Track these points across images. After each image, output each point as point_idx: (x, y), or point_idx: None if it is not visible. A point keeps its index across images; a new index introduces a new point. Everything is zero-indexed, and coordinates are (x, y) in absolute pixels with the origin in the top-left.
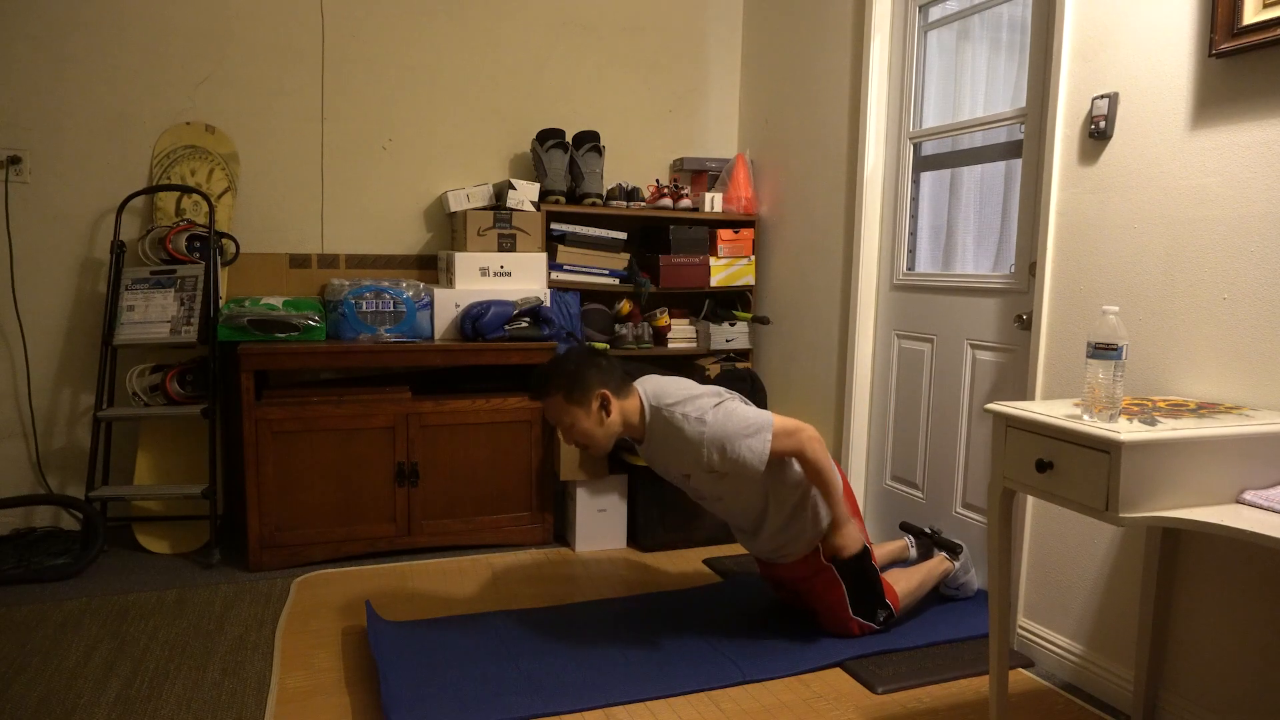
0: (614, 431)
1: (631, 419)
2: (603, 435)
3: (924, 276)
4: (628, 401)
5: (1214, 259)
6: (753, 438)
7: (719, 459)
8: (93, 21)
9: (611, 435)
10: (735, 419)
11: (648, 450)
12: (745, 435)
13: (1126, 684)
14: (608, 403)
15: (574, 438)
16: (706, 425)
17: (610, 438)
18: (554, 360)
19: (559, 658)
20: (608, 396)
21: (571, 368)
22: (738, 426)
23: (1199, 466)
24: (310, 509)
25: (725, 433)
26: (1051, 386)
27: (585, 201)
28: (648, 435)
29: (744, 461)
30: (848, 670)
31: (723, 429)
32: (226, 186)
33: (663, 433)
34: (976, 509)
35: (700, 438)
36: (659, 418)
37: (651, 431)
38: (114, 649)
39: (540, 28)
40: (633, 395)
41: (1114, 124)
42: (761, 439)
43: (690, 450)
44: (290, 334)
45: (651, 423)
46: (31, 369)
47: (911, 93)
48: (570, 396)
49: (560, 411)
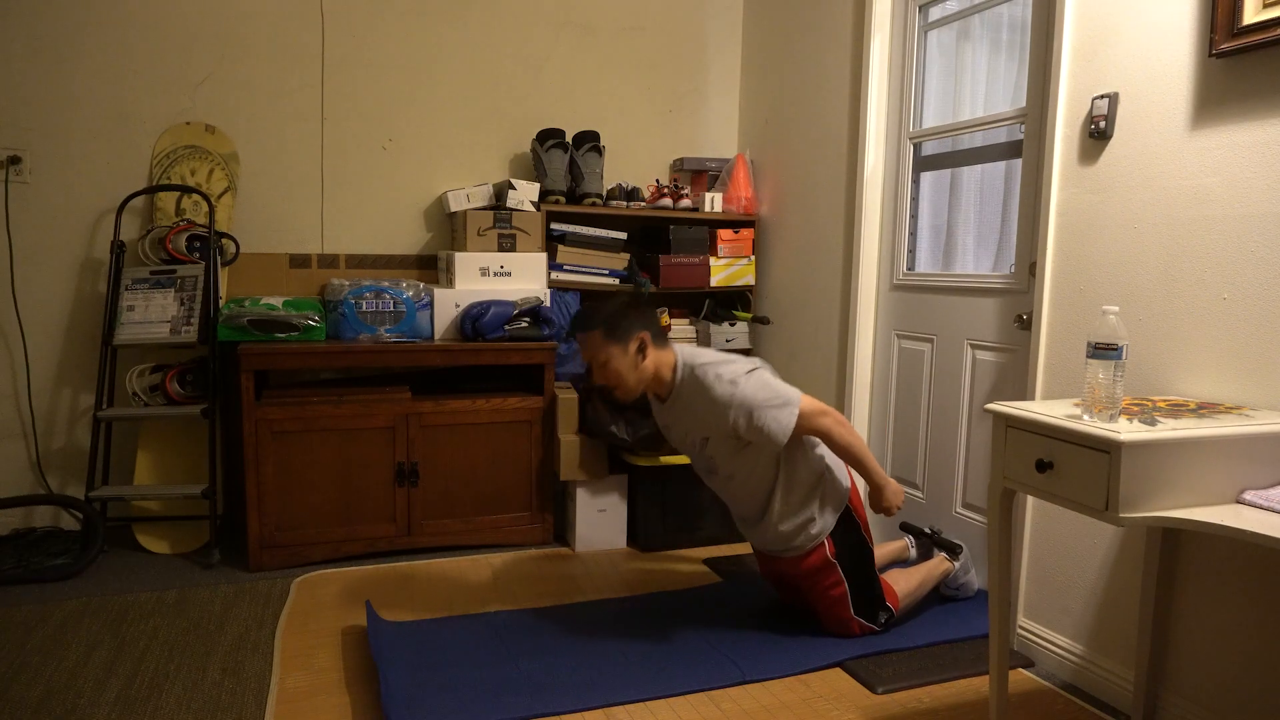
0: (645, 378)
1: (663, 372)
2: (634, 379)
3: (924, 276)
4: (664, 354)
5: (1214, 259)
6: (780, 409)
7: (744, 424)
8: (93, 21)
9: (642, 381)
10: (767, 388)
11: (669, 411)
12: (773, 405)
13: (1126, 684)
14: (645, 347)
15: (605, 376)
16: (738, 388)
17: (640, 384)
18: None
19: (559, 658)
20: (646, 341)
21: (616, 308)
22: (768, 396)
23: (1199, 466)
24: (310, 509)
25: (755, 399)
26: (1051, 386)
27: (585, 201)
28: (674, 394)
29: (768, 431)
30: (848, 670)
31: (753, 395)
32: (226, 186)
33: (691, 392)
34: (976, 509)
35: (729, 399)
36: (691, 376)
37: (679, 391)
38: (114, 649)
39: (540, 28)
40: (669, 350)
41: (1114, 124)
42: (789, 412)
43: (717, 412)
44: (290, 334)
45: (681, 381)
46: (31, 369)
47: (911, 93)
48: (610, 334)
49: (597, 348)
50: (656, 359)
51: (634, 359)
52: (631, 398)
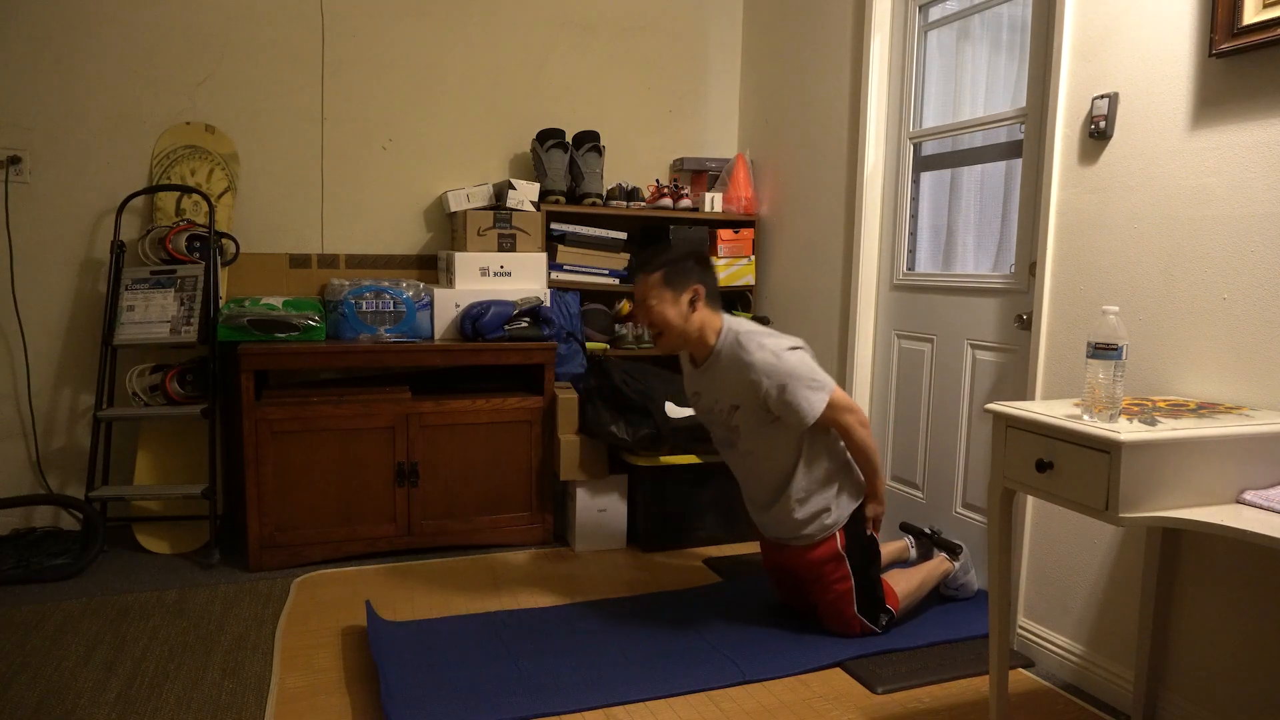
0: (690, 332)
1: (707, 334)
2: (678, 328)
3: (924, 276)
4: (712, 316)
5: (1214, 259)
6: (814, 391)
7: (775, 396)
8: (93, 22)
9: (685, 335)
10: (806, 366)
11: (703, 377)
12: (808, 385)
13: (1126, 684)
14: (697, 300)
15: (652, 319)
16: (780, 360)
17: (683, 336)
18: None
19: (559, 658)
20: (700, 295)
21: (680, 255)
22: (805, 373)
23: (1199, 466)
24: (310, 509)
25: (793, 374)
26: (1051, 386)
27: (585, 201)
28: (711, 358)
29: (796, 407)
30: (848, 670)
31: (792, 370)
32: (226, 186)
33: (729, 358)
34: (976, 509)
35: (767, 368)
36: (733, 342)
37: (717, 355)
38: (114, 649)
39: (540, 28)
40: (718, 314)
41: (1114, 124)
42: (821, 396)
43: (752, 379)
44: (290, 334)
45: (722, 346)
46: (31, 369)
47: (911, 93)
48: (668, 279)
49: (651, 290)
50: (704, 318)
51: (684, 310)
52: (669, 350)
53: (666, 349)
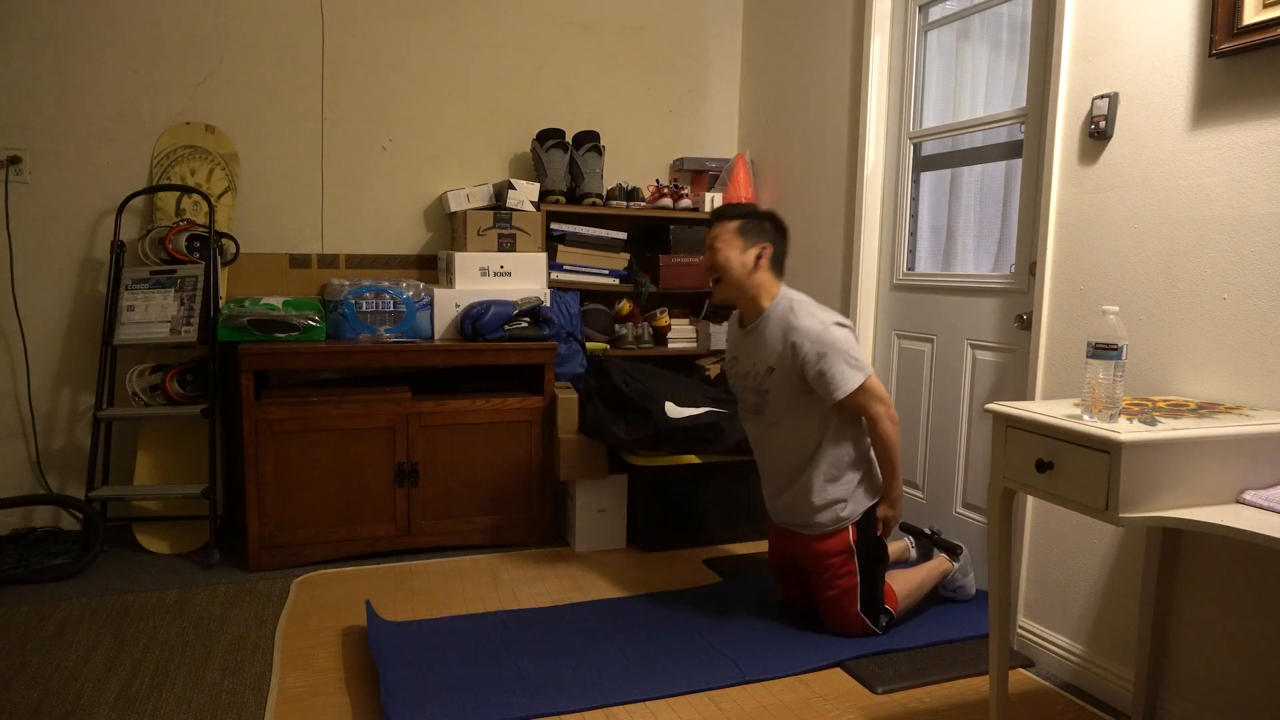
0: (747, 286)
1: (762, 295)
2: (737, 278)
3: (924, 276)
4: (773, 281)
5: (1214, 259)
6: (851, 368)
7: (813, 362)
8: (93, 21)
9: (742, 287)
10: (848, 343)
11: (746, 339)
12: (847, 361)
13: (1126, 684)
14: (763, 258)
15: (715, 261)
16: (825, 329)
17: (739, 288)
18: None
19: (559, 658)
20: (767, 254)
21: (761, 214)
22: (847, 349)
23: (1199, 466)
24: (310, 509)
25: (835, 345)
26: (1051, 386)
27: (585, 201)
28: (760, 321)
29: (831, 377)
30: (848, 670)
31: (835, 341)
32: (226, 186)
33: (777, 321)
34: (976, 509)
35: (812, 334)
36: (785, 308)
37: (766, 318)
38: (114, 649)
39: (540, 28)
40: (779, 282)
41: (1114, 124)
42: (856, 375)
43: (794, 341)
44: (290, 334)
45: (772, 310)
46: (31, 369)
47: (911, 93)
48: (743, 230)
49: (723, 234)
50: (765, 279)
51: (749, 263)
52: (721, 298)
53: (719, 297)
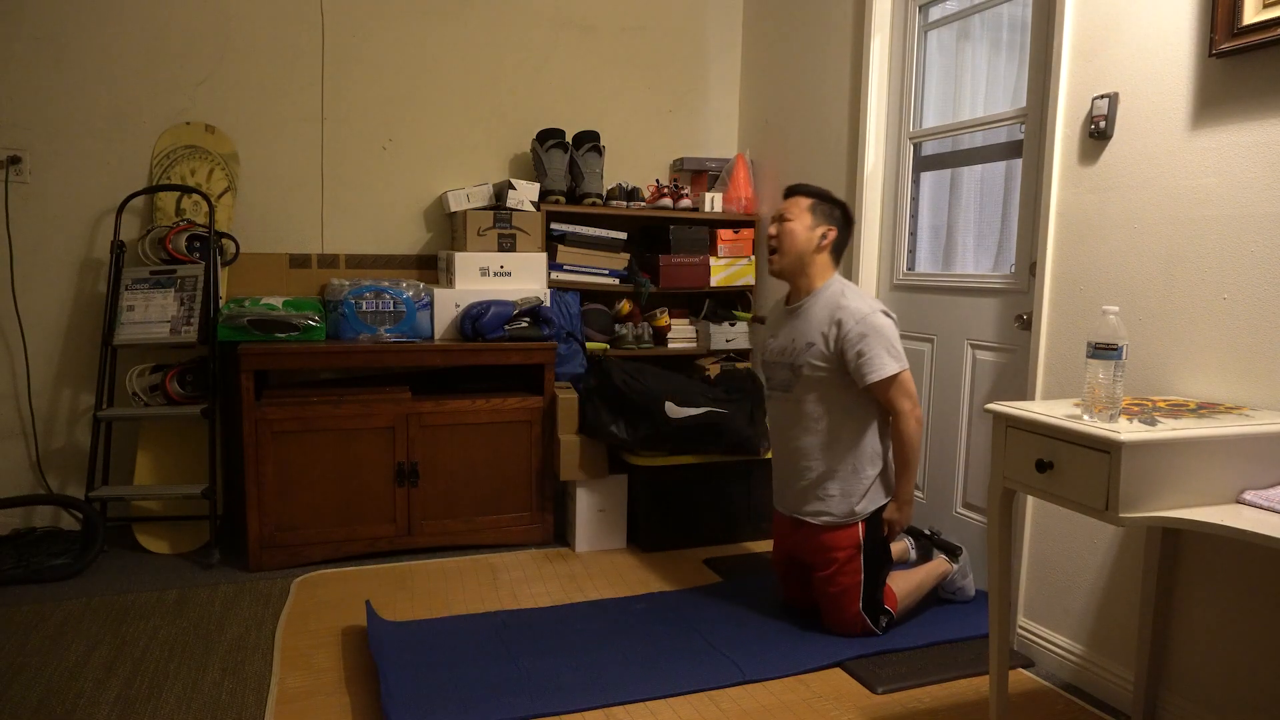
0: (806, 262)
1: (816, 276)
2: (801, 249)
3: (924, 276)
4: (829, 266)
5: (1214, 259)
6: (889, 356)
7: (854, 340)
8: (92, 21)
9: (800, 262)
10: (892, 333)
11: (789, 317)
12: (887, 349)
13: (1126, 684)
14: (826, 240)
15: (781, 231)
16: (873, 314)
17: (797, 262)
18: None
19: (559, 658)
20: (830, 238)
21: (834, 199)
22: (889, 338)
23: (1199, 466)
24: (310, 509)
25: (880, 331)
26: (1051, 386)
27: (585, 201)
28: (808, 300)
29: (867, 359)
30: (848, 670)
31: (880, 328)
32: (226, 186)
33: (825, 301)
34: (976, 509)
35: (859, 315)
36: (836, 291)
37: (814, 298)
38: (114, 649)
39: (540, 28)
40: (834, 270)
41: (1114, 124)
42: (892, 364)
43: (840, 318)
44: (290, 334)
45: (822, 290)
46: (31, 369)
47: (911, 93)
48: (815, 208)
49: (795, 207)
50: (823, 262)
51: (815, 240)
52: (777, 271)
53: (776, 269)
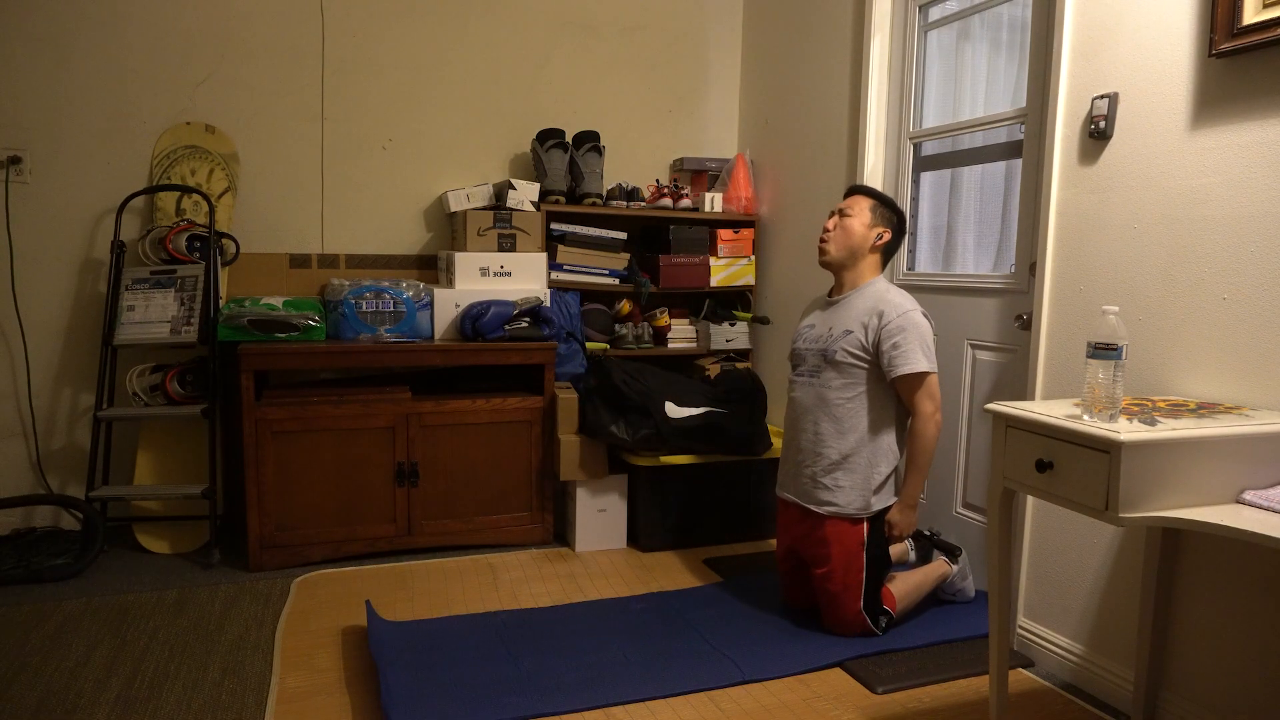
0: (857, 256)
1: (864, 272)
2: (851, 245)
3: (924, 276)
4: (877, 265)
5: (1214, 259)
6: (922, 355)
7: (893, 332)
8: (92, 21)
9: (852, 255)
10: (929, 334)
11: (827, 309)
12: (921, 347)
13: (1126, 684)
14: (880, 240)
15: (839, 224)
16: (914, 312)
17: (849, 254)
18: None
19: (559, 658)
20: (884, 239)
21: (894, 205)
22: (925, 338)
23: (1199, 466)
24: (310, 509)
25: (918, 328)
26: (1051, 386)
27: (585, 201)
28: (850, 295)
29: (901, 353)
30: (848, 670)
31: (919, 325)
32: (226, 186)
33: (868, 296)
34: (976, 509)
35: (900, 310)
36: (881, 287)
37: (858, 292)
38: (114, 649)
39: (540, 28)
40: (880, 271)
41: (1114, 124)
42: (924, 363)
43: (881, 309)
44: (290, 334)
45: (867, 286)
46: (31, 369)
47: (911, 93)
48: (875, 208)
49: (857, 204)
50: (874, 260)
51: (870, 238)
52: (826, 259)
53: (826, 257)
